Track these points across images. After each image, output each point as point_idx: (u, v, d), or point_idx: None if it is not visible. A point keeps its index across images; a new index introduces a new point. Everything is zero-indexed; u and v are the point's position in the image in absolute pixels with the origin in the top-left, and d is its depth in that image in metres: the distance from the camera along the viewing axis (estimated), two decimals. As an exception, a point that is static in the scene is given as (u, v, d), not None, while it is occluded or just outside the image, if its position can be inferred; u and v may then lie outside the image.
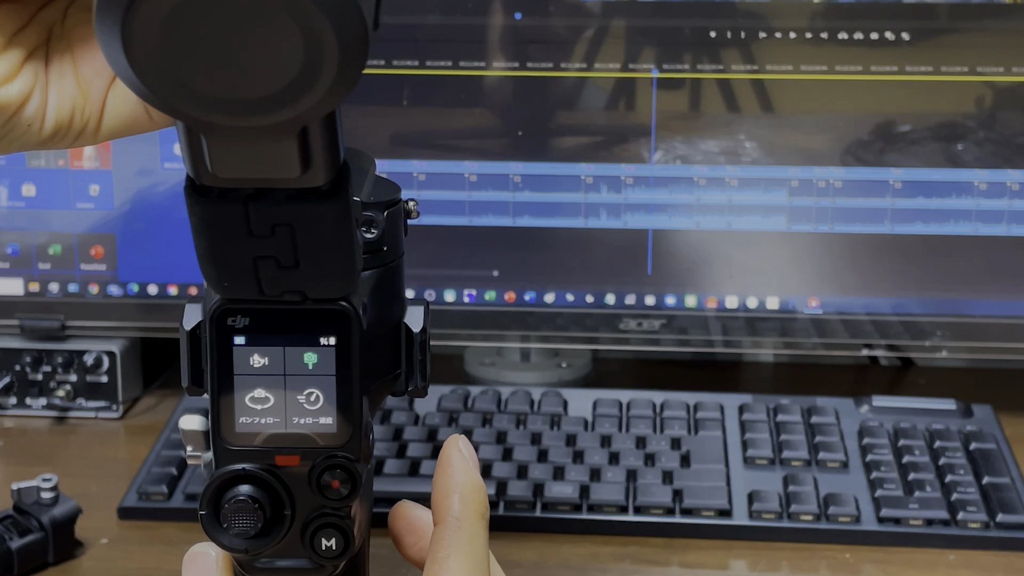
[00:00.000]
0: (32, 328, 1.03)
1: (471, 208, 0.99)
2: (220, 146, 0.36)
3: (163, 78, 0.34)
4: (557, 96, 0.97)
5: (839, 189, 0.97)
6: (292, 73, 0.33)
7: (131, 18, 0.32)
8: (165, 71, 0.33)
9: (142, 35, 0.33)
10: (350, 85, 0.34)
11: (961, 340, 0.99)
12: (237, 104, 0.34)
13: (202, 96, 0.34)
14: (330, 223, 0.40)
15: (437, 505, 0.48)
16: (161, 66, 0.33)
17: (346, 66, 0.33)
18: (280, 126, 0.35)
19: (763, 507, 0.85)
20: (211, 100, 0.34)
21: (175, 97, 0.34)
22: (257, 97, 0.34)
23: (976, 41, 0.94)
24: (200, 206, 0.39)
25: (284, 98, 0.34)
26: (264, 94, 0.34)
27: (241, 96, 0.34)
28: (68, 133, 0.51)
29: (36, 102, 0.49)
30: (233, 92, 0.34)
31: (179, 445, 0.92)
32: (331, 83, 0.34)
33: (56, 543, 0.81)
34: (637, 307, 1.00)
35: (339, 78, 0.34)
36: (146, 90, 0.34)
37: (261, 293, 0.42)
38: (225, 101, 0.34)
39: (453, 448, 0.48)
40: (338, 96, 0.34)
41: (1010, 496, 0.86)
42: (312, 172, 0.37)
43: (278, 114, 0.34)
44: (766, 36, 0.94)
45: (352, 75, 0.34)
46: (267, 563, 0.46)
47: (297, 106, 0.34)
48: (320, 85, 0.34)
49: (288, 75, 0.33)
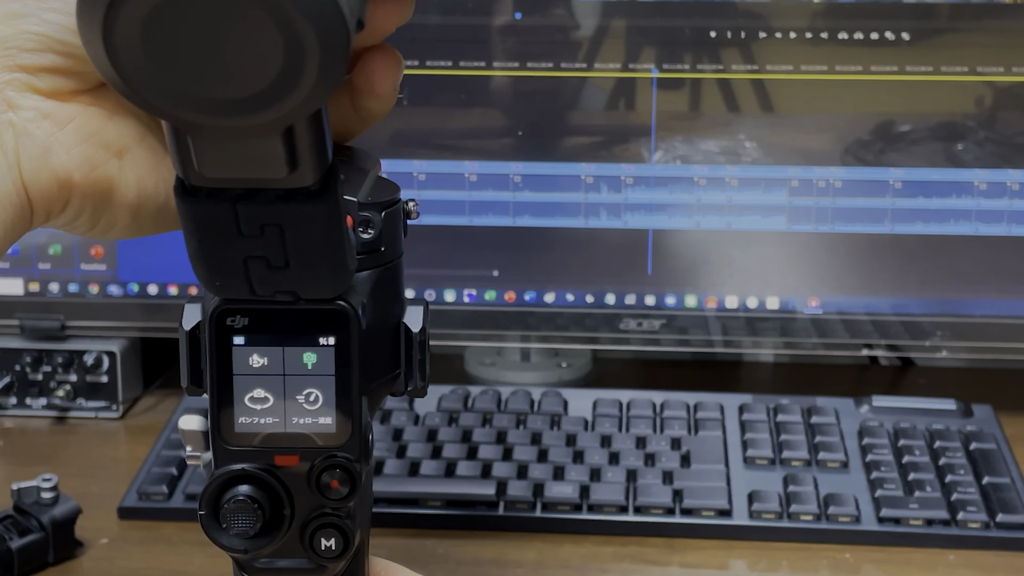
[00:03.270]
0: (32, 328, 1.03)
1: (471, 208, 0.99)
2: (206, 146, 0.36)
3: (145, 78, 0.34)
4: (557, 96, 0.97)
5: (839, 189, 0.97)
6: (273, 74, 0.33)
7: (111, 18, 0.33)
8: (147, 71, 0.33)
9: (123, 35, 0.33)
10: (332, 85, 0.34)
11: (961, 340, 0.99)
12: (220, 104, 0.34)
13: (185, 96, 0.34)
14: (319, 223, 0.40)
15: None
16: (143, 66, 0.33)
17: (327, 67, 0.33)
18: (264, 126, 0.35)
19: (763, 507, 0.85)
20: (194, 100, 0.34)
21: (158, 97, 0.34)
22: (239, 97, 0.34)
23: (976, 41, 0.94)
24: (189, 206, 0.39)
25: (266, 98, 0.34)
26: (246, 94, 0.34)
27: (223, 96, 0.34)
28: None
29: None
30: (215, 92, 0.34)
31: (179, 445, 0.92)
32: (313, 83, 0.34)
33: (56, 543, 0.81)
34: (637, 307, 1.00)
35: (321, 79, 0.34)
36: (129, 90, 0.34)
37: (252, 293, 0.42)
38: (208, 101, 0.34)
39: None
40: (320, 96, 0.34)
41: (1010, 496, 0.86)
42: (300, 172, 0.37)
43: (261, 114, 0.34)
44: (766, 36, 0.94)
45: (334, 76, 0.34)
46: (267, 563, 0.46)
47: (280, 106, 0.34)
48: (302, 85, 0.34)
49: (269, 75, 0.33)
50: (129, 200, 0.46)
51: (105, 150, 0.45)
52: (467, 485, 0.87)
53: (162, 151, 0.46)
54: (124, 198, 0.46)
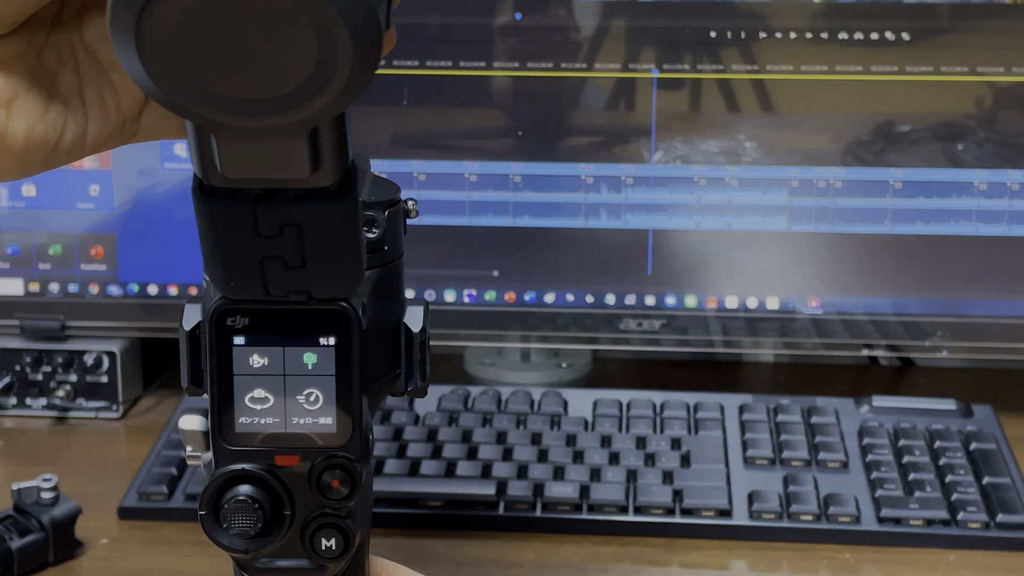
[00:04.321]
0: (32, 328, 1.03)
1: (471, 208, 0.99)
2: (230, 146, 0.36)
3: (176, 79, 0.33)
4: (557, 96, 0.97)
5: (839, 189, 0.97)
6: (306, 73, 0.33)
7: (145, 19, 0.32)
8: (178, 72, 0.33)
9: (156, 36, 0.33)
10: (363, 85, 0.34)
11: (961, 340, 0.99)
12: (250, 104, 0.34)
13: (215, 96, 0.34)
14: (338, 223, 0.40)
15: None
16: (175, 67, 0.33)
17: (359, 67, 0.33)
18: (292, 126, 0.35)
19: (763, 507, 0.85)
20: (224, 100, 0.34)
21: (187, 98, 0.34)
22: (270, 97, 0.34)
23: (976, 41, 0.94)
24: (208, 207, 0.39)
25: (297, 98, 0.34)
26: (277, 94, 0.34)
27: (254, 96, 0.34)
28: (106, 145, 0.49)
29: (73, 133, 0.47)
30: (246, 92, 0.34)
31: (179, 445, 0.92)
32: (344, 84, 0.34)
33: (56, 543, 0.81)
34: (637, 307, 1.00)
35: (352, 79, 0.34)
36: (158, 91, 0.34)
37: (267, 293, 0.42)
38: (238, 101, 0.34)
39: None
40: (351, 96, 0.34)
41: (1010, 496, 0.86)
42: (321, 172, 0.37)
43: (290, 114, 0.34)
44: (766, 36, 0.94)
45: (365, 76, 0.34)
46: (267, 563, 0.46)
47: (310, 106, 0.34)
48: (333, 86, 0.34)
49: (302, 75, 0.33)
50: (17, 148, 0.45)
51: None
52: (467, 485, 0.87)
53: (51, 95, 0.46)
54: (11, 146, 0.45)
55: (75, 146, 0.48)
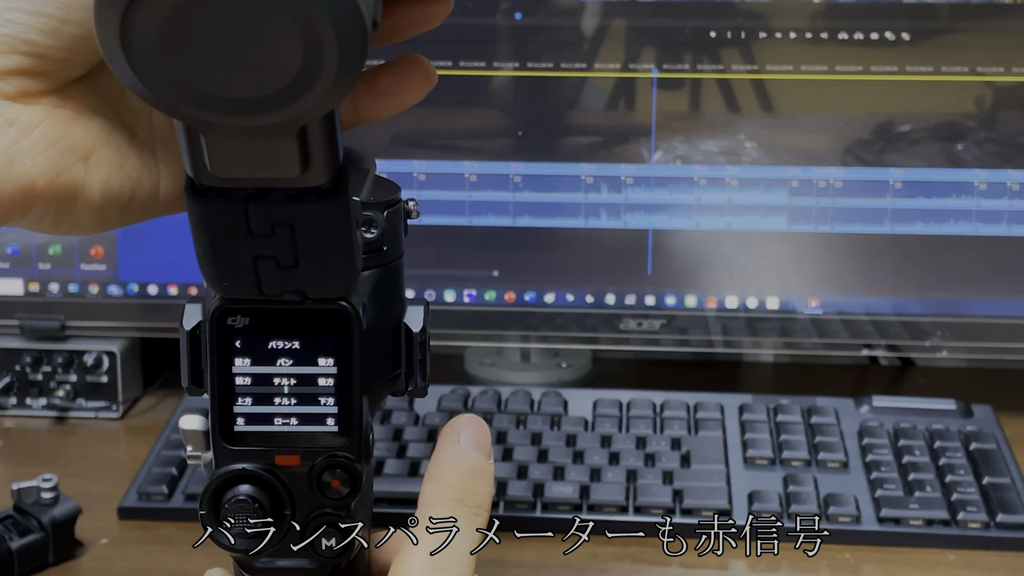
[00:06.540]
0: (32, 328, 1.03)
1: (471, 208, 0.99)
2: (219, 146, 0.36)
3: (162, 77, 0.34)
4: (557, 96, 0.97)
5: (839, 189, 0.97)
6: (292, 72, 0.34)
7: (130, 17, 0.33)
8: (165, 70, 0.33)
9: (142, 34, 0.33)
10: (350, 84, 0.34)
11: (961, 340, 0.99)
12: (237, 103, 0.34)
13: (202, 95, 0.34)
14: (330, 222, 0.40)
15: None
16: (161, 65, 0.33)
17: (346, 65, 0.33)
18: (280, 125, 0.35)
19: (763, 507, 0.85)
20: (211, 99, 0.34)
21: (174, 96, 0.34)
22: (257, 96, 0.34)
23: (976, 41, 0.94)
24: (199, 206, 0.39)
25: (284, 97, 0.34)
26: (264, 93, 0.34)
27: (241, 95, 0.34)
28: (179, 205, 0.48)
29: (147, 189, 0.47)
30: (233, 91, 0.34)
31: (179, 445, 0.92)
32: (331, 82, 0.34)
33: (56, 543, 0.81)
34: (637, 307, 1.00)
35: (339, 77, 0.34)
36: (145, 90, 0.34)
37: (261, 293, 0.42)
38: (225, 100, 0.34)
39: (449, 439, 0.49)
40: (338, 95, 0.34)
41: (1010, 496, 0.86)
42: (312, 171, 0.37)
43: (278, 113, 0.34)
44: (766, 36, 0.94)
45: (352, 74, 0.34)
46: (267, 563, 0.46)
47: (297, 105, 0.34)
48: (320, 84, 0.34)
49: (288, 74, 0.34)
50: (94, 201, 0.45)
51: (71, 154, 0.44)
52: (467, 485, 0.86)
53: (127, 148, 0.46)
54: (89, 200, 0.45)
55: (149, 202, 0.47)
